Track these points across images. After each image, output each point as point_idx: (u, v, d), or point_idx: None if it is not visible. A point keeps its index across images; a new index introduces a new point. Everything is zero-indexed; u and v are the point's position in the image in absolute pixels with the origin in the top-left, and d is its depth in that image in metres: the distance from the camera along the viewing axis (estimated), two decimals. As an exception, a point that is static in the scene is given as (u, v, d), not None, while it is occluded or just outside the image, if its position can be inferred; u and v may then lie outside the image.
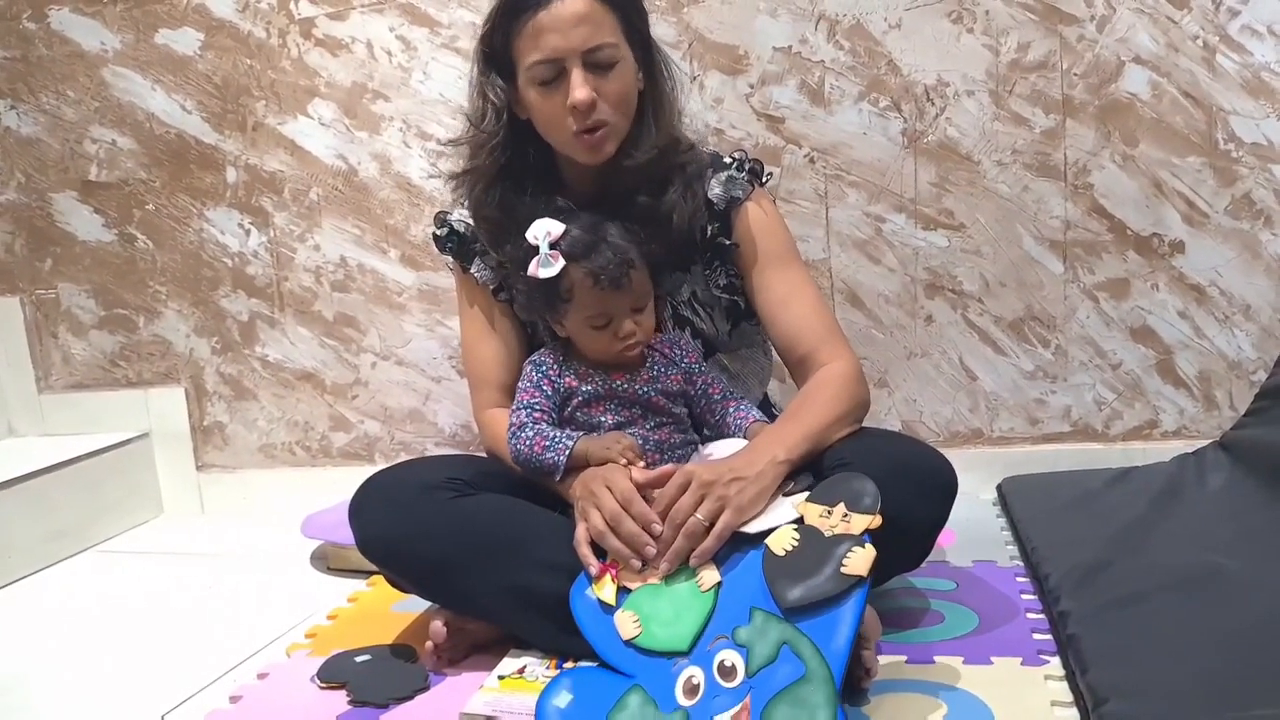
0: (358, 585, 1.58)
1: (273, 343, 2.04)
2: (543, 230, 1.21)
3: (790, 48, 1.75)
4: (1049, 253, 1.74)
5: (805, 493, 1.10)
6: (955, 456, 1.22)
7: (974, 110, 1.72)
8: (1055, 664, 1.12)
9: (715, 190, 1.32)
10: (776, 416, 1.33)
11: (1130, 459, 1.70)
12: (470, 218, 1.36)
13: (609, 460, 1.18)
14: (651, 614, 1.07)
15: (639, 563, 1.10)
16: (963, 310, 1.78)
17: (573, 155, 1.28)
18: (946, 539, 1.52)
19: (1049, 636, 1.19)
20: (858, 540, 1.01)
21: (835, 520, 1.03)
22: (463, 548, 1.18)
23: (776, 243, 1.34)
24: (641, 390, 1.25)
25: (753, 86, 1.77)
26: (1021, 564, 1.44)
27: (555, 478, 1.22)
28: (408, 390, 1.99)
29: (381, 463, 1.99)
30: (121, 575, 1.78)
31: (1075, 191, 1.72)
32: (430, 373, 1.97)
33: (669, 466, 1.15)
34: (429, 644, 1.23)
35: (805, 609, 0.98)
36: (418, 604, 1.39)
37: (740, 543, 1.09)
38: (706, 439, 1.29)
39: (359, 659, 1.27)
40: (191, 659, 1.36)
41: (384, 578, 1.28)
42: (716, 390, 1.30)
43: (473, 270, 1.38)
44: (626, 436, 1.21)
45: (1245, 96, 1.65)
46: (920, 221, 1.76)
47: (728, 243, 1.33)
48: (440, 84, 1.87)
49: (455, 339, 1.92)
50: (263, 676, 1.27)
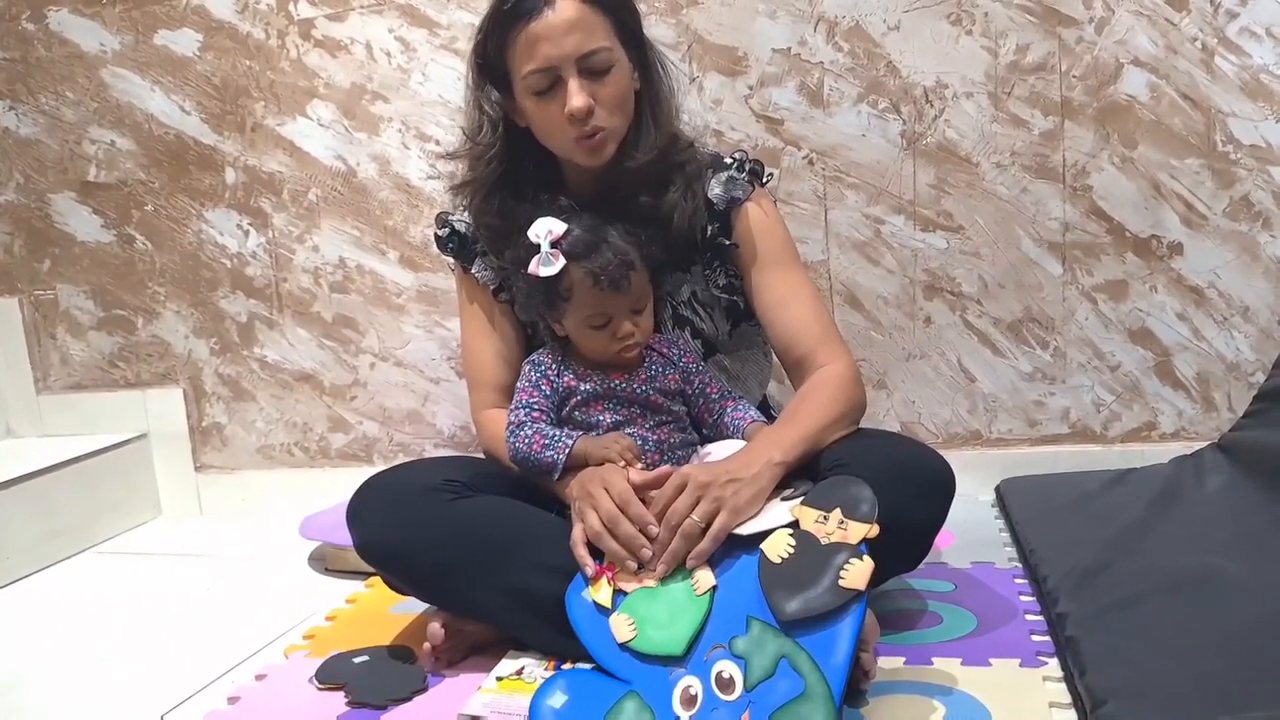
0: (356, 586, 1.58)
1: (271, 344, 2.04)
2: (544, 229, 1.21)
3: (789, 49, 1.75)
4: (1048, 254, 1.74)
5: (801, 497, 1.09)
6: (954, 458, 1.22)
7: (973, 112, 1.72)
8: (1054, 666, 1.12)
9: (715, 190, 1.32)
10: (775, 417, 1.33)
11: (1129, 461, 1.70)
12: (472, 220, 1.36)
13: (607, 460, 1.18)
14: (647, 617, 1.07)
15: (635, 564, 1.10)
16: (961, 312, 1.78)
17: (573, 159, 1.29)
18: (945, 540, 1.52)
19: (1047, 638, 1.19)
20: (855, 551, 1.00)
21: (831, 527, 1.03)
22: (461, 550, 1.17)
23: (776, 243, 1.34)
24: (639, 389, 1.25)
25: (752, 88, 1.77)
26: (1020, 566, 1.44)
27: (553, 477, 1.22)
28: (406, 391, 1.99)
29: (380, 464, 1.99)
30: (120, 576, 1.78)
31: (1074, 193, 1.72)
32: (429, 374, 1.97)
33: (666, 468, 1.15)
34: (427, 645, 1.23)
35: (803, 622, 0.97)
36: (416, 605, 1.38)
37: (736, 545, 1.08)
38: (705, 439, 1.29)
39: (357, 660, 1.27)
40: (190, 660, 1.36)
41: (382, 580, 1.28)
42: (714, 390, 1.30)
43: (474, 270, 1.38)
44: (625, 437, 1.21)
45: (1244, 98, 1.65)
46: (919, 223, 1.76)
47: (728, 243, 1.33)
48: (439, 85, 1.87)
49: (454, 340, 1.92)
50: (261, 678, 1.27)
